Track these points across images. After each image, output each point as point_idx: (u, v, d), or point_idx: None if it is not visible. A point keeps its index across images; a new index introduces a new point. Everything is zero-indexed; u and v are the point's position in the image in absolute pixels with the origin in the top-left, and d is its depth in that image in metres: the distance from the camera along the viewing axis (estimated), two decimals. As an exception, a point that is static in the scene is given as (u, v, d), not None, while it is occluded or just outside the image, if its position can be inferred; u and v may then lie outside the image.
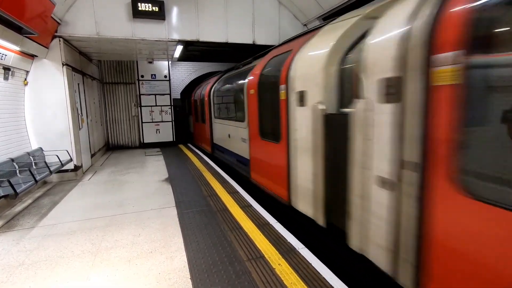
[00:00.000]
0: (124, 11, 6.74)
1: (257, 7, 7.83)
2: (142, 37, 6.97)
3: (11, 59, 5.35)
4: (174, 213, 4.48)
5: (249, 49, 8.40)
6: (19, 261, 3.21)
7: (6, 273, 2.99)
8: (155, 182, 6.33)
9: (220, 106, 8.28)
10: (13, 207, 5.01)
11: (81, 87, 7.99)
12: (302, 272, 2.79)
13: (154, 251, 3.33)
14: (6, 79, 5.48)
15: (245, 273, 2.82)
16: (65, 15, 6.35)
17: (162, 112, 12.02)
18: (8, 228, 4.13)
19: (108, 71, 11.49)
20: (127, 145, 12.14)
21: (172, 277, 2.81)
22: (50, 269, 3.03)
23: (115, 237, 3.72)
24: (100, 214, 4.53)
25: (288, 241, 3.40)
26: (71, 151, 6.82)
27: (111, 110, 11.78)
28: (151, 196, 5.34)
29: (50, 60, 6.47)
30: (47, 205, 5.06)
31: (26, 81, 6.28)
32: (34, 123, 6.47)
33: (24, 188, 4.53)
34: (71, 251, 3.39)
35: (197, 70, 14.06)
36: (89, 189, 6.03)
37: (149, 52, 9.06)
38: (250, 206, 4.62)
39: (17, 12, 4.41)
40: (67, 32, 6.44)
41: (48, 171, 5.50)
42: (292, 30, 8.08)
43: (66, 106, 6.70)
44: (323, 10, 7.01)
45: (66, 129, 6.77)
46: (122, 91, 11.79)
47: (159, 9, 6.78)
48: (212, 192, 5.44)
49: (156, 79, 11.79)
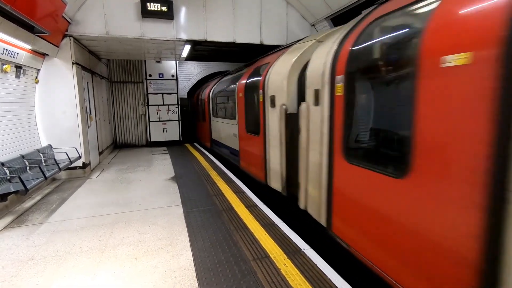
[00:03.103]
0: (133, 11, 6.80)
1: (265, 7, 7.83)
2: (150, 37, 7.03)
3: (22, 58, 5.45)
4: (180, 211, 4.50)
5: (257, 49, 8.40)
6: (28, 256, 3.27)
7: (16, 267, 3.05)
8: (161, 181, 6.38)
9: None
10: (23, 202, 5.10)
11: (90, 86, 8.10)
12: (307, 273, 2.78)
13: (160, 249, 3.36)
14: (18, 77, 5.58)
15: (250, 272, 2.82)
16: (75, 15, 6.44)
17: (169, 111, 12.11)
18: (18, 224, 4.21)
19: (116, 70, 11.62)
20: (134, 144, 12.26)
21: (178, 275, 2.83)
22: (58, 264, 3.08)
23: (122, 234, 3.76)
24: (107, 211, 4.59)
25: (294, 242, 3.39)
26: (80, 149, 6.92)
27: (119, 109, 11.91)
28: (158, 194, 5.38)
29: (60, 59, 6.58)
30: (56, 202, 5.14)
31: (37, 79, 6.39)
32: (44, 120, 6.58)
33: (34, 184, 4.61)
34: (79, 247, 3.44)
35: (204, 70, 14.13)
36: (97, 187, 6.10)
37: (157, 51, 9.13)
38: (256, 206, 4.62)
39: (29, 11, 4.49)
40: (78, 31, 6.54)
41: (57, 168, 5.58)
42: (300, 31, 8.06)
43: (76, 104, 6.79)
44: (332, 10, 6.97)
45: (75, 127, 6.87)
46: (130, 90, 11.91)
47: (167, 9, 6.84)
48: (218, 191, 5.46)
49: (164, 78, 11.88)
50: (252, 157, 5.83)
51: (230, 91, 7.60)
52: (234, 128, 7.06)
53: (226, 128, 7.95)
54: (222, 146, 8.65)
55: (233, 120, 7.16)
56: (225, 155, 8.41)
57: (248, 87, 5.97)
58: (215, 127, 9.43)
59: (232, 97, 7.29)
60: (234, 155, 7.28)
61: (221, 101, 8.99)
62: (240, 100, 6.41)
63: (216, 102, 9.50)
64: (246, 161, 6.38)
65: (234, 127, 7.07)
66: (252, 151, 5.80)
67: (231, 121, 7.41)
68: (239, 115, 6.60)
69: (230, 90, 7.62)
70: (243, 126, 6.33)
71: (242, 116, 6.36)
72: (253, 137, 5.63)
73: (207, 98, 10.22)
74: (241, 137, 6.59)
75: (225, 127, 8.14)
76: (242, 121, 6.34)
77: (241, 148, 6.66)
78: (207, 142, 10.84)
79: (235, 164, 7.28)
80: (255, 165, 5.66)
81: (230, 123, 7.46)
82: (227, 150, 8.21)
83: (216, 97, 9.45)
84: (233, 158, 7.48)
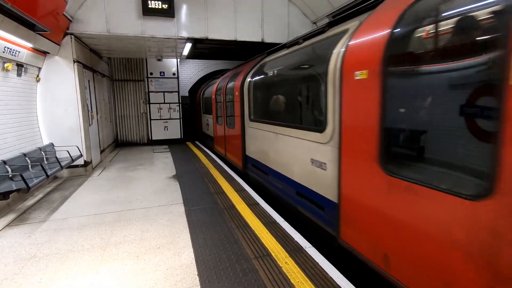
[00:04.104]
0: (134, 9, 6.79)
1: (266, 4, 7.79)
2: (151, 35, 7.01)
3: (24, 56, 5.45)
4: (181, 209, 4.51)
5: (258, 47, 8.38)
6: (31, 254, 3.28)
7: (19, 265, 3.06)
8: (163, 179, 6.39)
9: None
10: (25, 201, 5.12)
11: (91, 84, 8.10)
12: (309, 271, 2.77)
13: (161, 247, 3.36)
14: (19, 76, 5.59)
15: (252, 271, 2.82)
16: (76, 13, 6.43)
17: (170, 109, 12.11)
18: (20, 221, 4.22)
19: (117, 68, 11.62)
20: (136, 142, 12.27)
21: (179, 273, 2.83)
22: (60, 262, 3.09)
23: (123, 233, 3.76)
24: (109, 210, 4.60)
25: (295, 240, 3.39)
26: (81, 147, 6.93)
27: (120, 107, 11.92)
28: (159, 193, 5.39)
29: (61, 57, 6.58)
30: (57, 200, 5.15)
31: (38, 78, 6.39)
32: (46, 119, 6.59)
33: (36, 183, 4.62)
34: (81, 245, 3.45)
35: (205, 68, 14.10)
36: (98, 185, 6.12)
37: (158, 49, 9.12)
38: (257, 204, 4.62)
39: (30, 10, 4.48)
40: (79, 29, 6.53)
41: (59, 166, 5.60)
42: (301, 28, 8.02)
43: (77, 103, 6.80)
44: (333, 8, 6.93)
45: (76, 125, 6.88)
46: (131, 88, 11.91)
47: (168, 7, 6.82)
48: (219, 189, 5.46)
49: (165, 76, 11.88)
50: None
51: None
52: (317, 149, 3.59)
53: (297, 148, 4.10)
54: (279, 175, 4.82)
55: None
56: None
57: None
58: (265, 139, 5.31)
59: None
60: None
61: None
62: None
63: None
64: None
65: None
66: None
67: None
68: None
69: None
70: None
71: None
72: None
73: (239, 92, 6.43)
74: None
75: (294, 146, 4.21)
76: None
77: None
78: (237, 161, 7.07)
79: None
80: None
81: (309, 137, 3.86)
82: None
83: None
84: None
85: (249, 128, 6.04)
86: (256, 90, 5.73)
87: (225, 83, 7.88)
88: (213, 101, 9.18)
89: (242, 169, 6.59)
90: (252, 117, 5.84)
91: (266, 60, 5.63)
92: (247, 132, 6.21)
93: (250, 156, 6.12)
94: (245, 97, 6.07)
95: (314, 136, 3.45)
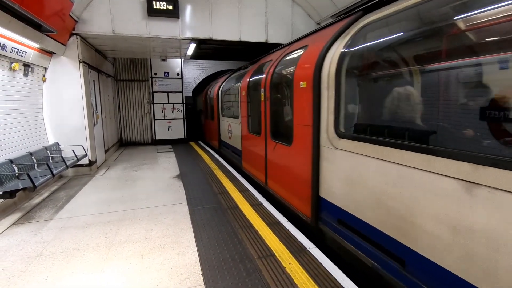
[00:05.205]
0: (139, 10, 6.83)
1: (270, 5, 7.80)
2: (156, 35, 7.06)
3: (30, 56, 5.52)
4: (185, 209, 4.53)
5: (262, 48, 8.39)
6: (37, 252, 3.32)
7: (25, 263, 3.10)
8: (167, 179, 6.42)
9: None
10: (31, 199, 5.17)
11: (96, 84, 8.17)
12: (312, 272, 2.78)
13: (166, 246, 3.38)
14: (26, 76, 5.65)
15: (255, 271, 2.83)
16: (82, 13, 6.49)
17: (174, 109, 12.17)
18: (26, 220, 4.27)
19: (122, 68, 11.70)
20: (140, 142, 12.34)
21: (183, 272, 2.85)
22: (66, 261, 3.12)
23: (128, 232, 3.79)
24: (113, 209, 4.63)
25: (299, 241, 3.39)
26: (86, 146, 6.99)
27: (124, 107, 11.99)
28: (163, 192, 5.42)
29: (67, 57, 6.64)
30: (63, 199, 5.20)
31: (44, 78, 6.46)
32: (51, 118, 6.66)
33: (42, 182, 4.67)
34: (86, 244, 3.49)
35: (209, 68, 14.14)
36: (103, 184, 6.16)
37: (162, 50, 9.16)
38: (261, 204, 4.62)
39: (37, 10, 4.53)
40: (84, 30, 6.59)
41: (64, 165, 5.65)
42: (306, 29, 8.01)
43: (82, 102, 6.86)
44: (337, 8, 6.93)
45: (81, 125, 6.94)
46: (135, 88, 11.99)
47: (173, 7, 6.85)
48: (223, 189, 5.48)
49: (169, 76, 11.93)
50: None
51: None
52: None
53: None
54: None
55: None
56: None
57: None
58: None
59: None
60: None
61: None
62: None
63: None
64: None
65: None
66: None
67: None
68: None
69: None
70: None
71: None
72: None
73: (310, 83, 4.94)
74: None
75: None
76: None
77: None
78: (300, 204, 4.34)
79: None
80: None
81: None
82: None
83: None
84: None
85: (333, 152, 3.07)
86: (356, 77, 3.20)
87: (280, 69, 4.73)
88: (243, 99, 6.46)
89: (312, 223, 3.54)
90: (344, 130, 3.00)
91: None
92: (325, 159, 3.23)
93: (333, 202, 3.16)
94: (324, 92, 3.22)
95: None
